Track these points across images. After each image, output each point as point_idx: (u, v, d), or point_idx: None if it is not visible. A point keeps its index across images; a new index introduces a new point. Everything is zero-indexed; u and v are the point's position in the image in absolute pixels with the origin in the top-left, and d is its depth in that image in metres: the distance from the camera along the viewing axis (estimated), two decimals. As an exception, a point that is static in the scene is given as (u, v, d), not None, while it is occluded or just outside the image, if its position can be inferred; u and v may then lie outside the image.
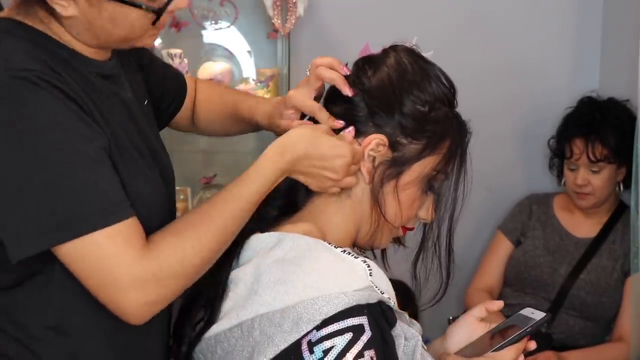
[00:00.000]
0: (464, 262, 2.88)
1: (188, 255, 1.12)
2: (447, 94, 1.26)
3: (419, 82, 1.24)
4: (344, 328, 1.09)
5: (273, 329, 1.11)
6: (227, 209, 1.16)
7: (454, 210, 1.26)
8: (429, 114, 1.23)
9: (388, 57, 1.27)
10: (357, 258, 1.19)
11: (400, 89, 1.23)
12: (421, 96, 1.23)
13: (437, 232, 1.27)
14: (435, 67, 1.27)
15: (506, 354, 1.25)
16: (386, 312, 1.15)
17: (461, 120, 1.28)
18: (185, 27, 2.68)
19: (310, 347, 1.09)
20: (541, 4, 2.92)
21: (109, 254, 1.08)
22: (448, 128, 1.25)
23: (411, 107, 1.22)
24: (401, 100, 1.22)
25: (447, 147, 1.25)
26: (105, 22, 1.14)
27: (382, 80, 1.24)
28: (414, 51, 1.28)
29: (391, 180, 1.23)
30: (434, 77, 1.25)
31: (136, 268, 1.08)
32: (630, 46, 2.42)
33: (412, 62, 1.26)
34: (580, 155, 2.52)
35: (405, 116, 1.22)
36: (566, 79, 2.94)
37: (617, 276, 2.53)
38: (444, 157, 1.25)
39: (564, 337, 2.53)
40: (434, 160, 1.24)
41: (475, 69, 2.84)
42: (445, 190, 1.25)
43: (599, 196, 2.56)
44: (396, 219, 1.25)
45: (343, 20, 2.73)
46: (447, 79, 1.27)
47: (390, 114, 1.22)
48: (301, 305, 1.10)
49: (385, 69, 1.25)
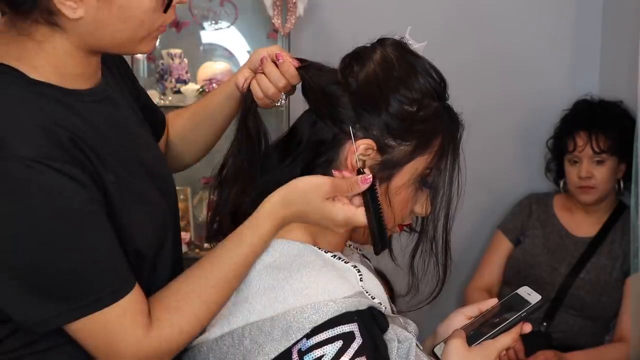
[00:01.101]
0: (464, 262, 2.89)
1: (187, 329, 1.17)
2: (436, 87, 1.21)
3: (406, 79, 1.19)
4: (334, 336, 1.08)
5: (263, 338, 1.11)
6: (224, 268, 1.18)
7: (449, 206, 1.22)
8: (418, 113, 1.19)
9: (375, 52, 1.21)
10: (348, 263, 1.19)
11: (387, 88, 1.18)
12: (408, 94, 1.18)
13: (433, 229, 1.24)
14: (423, 60, 1.22)
15: (502, 340, 1.21)
16: (377, 317, 1.15)
17: (453, 114, 1.24)
18: (185, 27, 2.69)
19: (300, 356, 1.09)
20: (541, 5, 2.92)
21: (115, 331, 1.12)
22: (438, 125, 1.20)
23: (398, 107, 1.18)
24: (387, 100, 1.18)
25: (439, 144, 1.21)
26: (115, 19, 1.12)
27: (368, 80, 1.19)
28: (402, 45, 1.23)
29: (382, 184, 1.19)
30: (422, 72, 1.20)
31: (141, 347, 1.13)
32: (630, 47, 2.42)
33: (399, 58, 1.21)
34: (584, 147, 2.54)
35: (392, 117, 1.18)
36: (565, 79, 2.94)
37: (617, 275, 2.54)
38: (436, 154, 1.21)
39: (563, 337, 2.53)
40: (426, 159, 1.20)
41: (474, 70, 2.84)
42: (440, 186, 1.21)
43: (602, 190, 2.56)
44: (389, 221, 1.22)
45: (343, 20, 2.73)
46: (436, 72, 1.22)
47: (377, 116, 1.18)
48: (290, 314, 1.10)
49: (371, 65, 1.20)
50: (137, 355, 1.13)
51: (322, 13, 2.75)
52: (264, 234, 1.17)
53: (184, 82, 2.67)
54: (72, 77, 1.16)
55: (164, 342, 1.14)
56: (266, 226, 1.17)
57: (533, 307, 1.24)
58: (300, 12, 2.59)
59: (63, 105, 1.13)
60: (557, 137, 2.70)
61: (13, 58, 1.13)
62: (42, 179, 1.05)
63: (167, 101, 2.65)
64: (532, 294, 1.26)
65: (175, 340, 1.16)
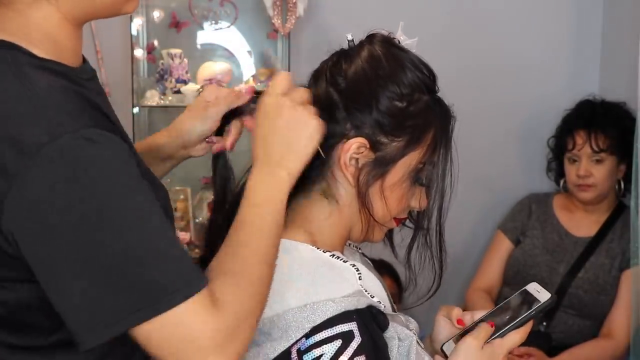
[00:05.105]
0: (464, 262, 2.90)
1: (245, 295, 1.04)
2: (424, 80, 1.20)
3: (394, 74, 1.18)
4: (333, 335, 1.08)
5: (263, 338, 1.11)
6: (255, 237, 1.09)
7: (443, 199, 1.22)
8: (408, 108, 1.18)
9: (362, 49, 1.20)
10: (346, 262, 1.18)
11: (375, 85, 1.18)
12: (397, 90, 1.18)
13: (427, 222, 1.23)
14: (410, 54, 1.21)
15: (512, 337, 1.21)
16: (377, 316, 1.15)
17: (444, 106, 1.22)
18: (185, 27, 2.69)
19: (299, 356, 1.09)
20: (541, 7, 2.92)
21: (191, 326, 0.98)
22: (430, 118, 1.20)
23: (388, 103, 1.17)
24: (377, 97, 1.17)
25: (431, 137, 1.20)
26: None
27: (356, 77, 1.18)
28: (390, 40, 1.23)
29: (377, 181, 1.19)
30: (410, 66, 1.19)
31: (216, 333, 0.99)
32: (630, 48, 2.42)
33: (386, 53, 1.20)
34: (583, 145, 2.54)
35: (382, 114, 1.17)
36: (566, 81, 2.95)
37: (615, 274, 2.54)
38: (429, 148, 1.20)
39: (563, 337, 2.53)
40: (419, 154, 1.20)
41: (475, 71, 2.85)
42: (434, 179, 1.21)
43: (601, 189, 2.57)
44: (385, 217, 1.22)
45: (343, 20, 2.72)
46: (424, 65, 1.21)
47: (367, 113, 1.17)
48: (290, 314, 1.10)
49: (359, 63, 1.19)
50: (216, 343, 0.99)
51: (322, 13, 2.75)
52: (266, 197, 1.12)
53: (184, 82, 2.66)
54: (68, 52, 1.09)
55: (232, 316, 1.01)
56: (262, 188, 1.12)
57: (543, 305, 1.23)
58: (300, 12, 2.60)
59: (74, 83, 1.06)
60: (557, 136, 2.71)
61: (7, 33, 1.05)
62: (106, 149, 0.98)
63: (167, 101, 2.65)
64: (541, 291, 1.25)
65: (239, 306, 1.02)
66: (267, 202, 1.11)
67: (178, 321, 0.97)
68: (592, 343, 2.52)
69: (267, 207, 1.10)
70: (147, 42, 2.71)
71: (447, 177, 1.21)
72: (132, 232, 0.97)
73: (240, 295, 1.03)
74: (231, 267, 1.05)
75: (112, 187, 0.97)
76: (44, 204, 0.95)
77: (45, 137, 0.95)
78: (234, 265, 1.05)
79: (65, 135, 0.96)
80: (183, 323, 0.97)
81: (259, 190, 1.11)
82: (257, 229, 1.08)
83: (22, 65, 1.02)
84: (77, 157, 0.96)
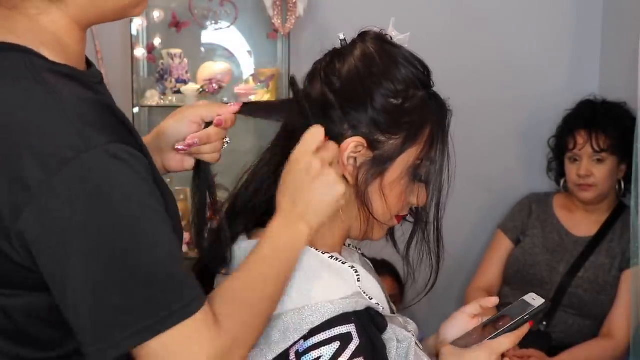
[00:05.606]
0: (464, 262, 2.90)
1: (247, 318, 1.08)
2: (418, 75, 1.20)
3: (387, 71, 1.18)
4: (331, 337, 1.09)
5: (261, 340, 1.11)
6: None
7: (440, 195, 1.22)
8: (403, 105, 1.18)
9: (355, 48, 1.20)
10: (345, 264, 1.18)
11: (370, 83, 1.17)
12: (391, 87, 1.17)
13: (425, 218, 1.23)
14: (402, 49, 1.21)
15: (503, 341, 1.21)
16: (375, 317, 1.15)
17: (440, 101, 1.22)
18: (185, 27, 2.69)
19: (298, 358, 1.09)
20: (541, 6, 2.92)
21: (193, 344, 1.00)
22: (426, 114, 1.19)
23: (383, 101, 1.17)
24: (372, 95, 1.17)
25: (428, 133, 1.20)
26: None
27: (350, 76, 1.18)
28: (382, 37, 1.22)
29: (376, 180, 1.18)
30: (403, 62, 1.19)
31: (217, 351, 1.02)
32: (630, 48, 2.42)
33: (379, 50, 1.19)
34: (583, 145, 2.55)
35: (378, 112, 1.17)
36: (566, 80, 2.95)
37: (615, 273, 2.54)
38: (427, 144, 1.20)
39: (563, 337, 2.53)
40: (417, 150, 1.19)
41: (475, 71, 2.85)
42: (432, 175, 1.20)
43: (602, 188, 2.57)
44: (385, 216, 1.22)
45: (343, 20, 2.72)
46: (417, 60, 1.20)
47: (363, 112, 1.17)
48: (288, 315, 1.10)
49: (352, 61, 1.18)
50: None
51: (322, 13, 2.75)
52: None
53: (184, 82, 2.67)
54: (76, 55, 1.09)
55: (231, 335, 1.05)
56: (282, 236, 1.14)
57: (535, 310, 1.24)
58: (300, 12, 2.60)
59: (87, 87, 1.05)
60: (558, 136, 2.71)
61: (17, 36, 1.04)
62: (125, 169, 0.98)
63: (167, 101, 2.65)
64: (536, 299, 1.26)
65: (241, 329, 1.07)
66: (286, 249, 1.13)
67: (178, 340, 0.99)
68: (592, 343, 2.52)
69: (285, 253, 1.13)
70: (147, 42, 2.71)
71: (444, 173, 1.21)
72: (145, 253, 0.98)
73: (241, 323, 1.06)
74: (239, 296, 1.08)
75: (131, 207, 0.98)
76: (64, 220, 0.96)
77: (70, 153, 0.95)
78: (241, 294, 1.08)
79: (91, 151, 0.96)
80: (184, 341, 0.99)
81: (280, 235, 1.14)
82: (273, 269, 1.11)
83: (41, 71, 1.01)
84: (100, 175, 0.96)
